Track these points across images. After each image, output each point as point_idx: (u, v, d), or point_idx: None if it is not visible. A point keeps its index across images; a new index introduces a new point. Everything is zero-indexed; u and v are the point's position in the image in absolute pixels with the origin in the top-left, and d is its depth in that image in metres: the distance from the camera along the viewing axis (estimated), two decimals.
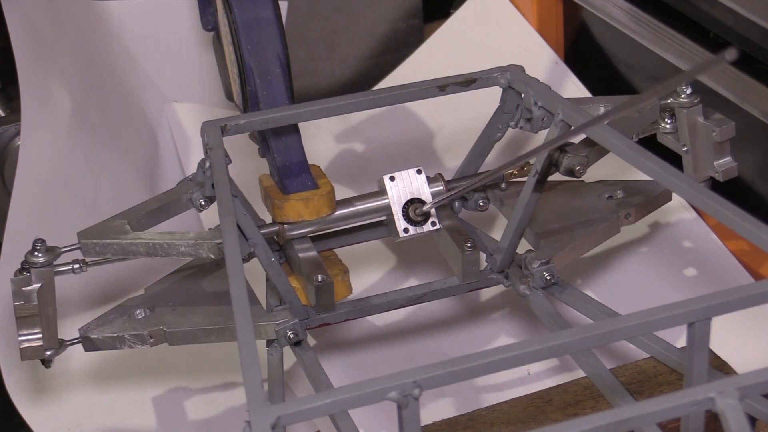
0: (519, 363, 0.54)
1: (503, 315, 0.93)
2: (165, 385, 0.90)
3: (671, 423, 0.69)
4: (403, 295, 0.82)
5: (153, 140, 1.09)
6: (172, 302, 0.79)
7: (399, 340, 0.91)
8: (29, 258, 0.76)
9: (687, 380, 0.57)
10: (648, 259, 0.93)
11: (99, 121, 1.02)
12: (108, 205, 0.91)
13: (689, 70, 0.85)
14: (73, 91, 0.98)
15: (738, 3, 0.87)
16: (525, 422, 0.75)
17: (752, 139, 0.90)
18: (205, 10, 0.87)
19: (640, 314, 0.55)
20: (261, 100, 0.81)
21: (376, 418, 0.78)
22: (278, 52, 0.81)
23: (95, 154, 0.99)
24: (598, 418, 0.50)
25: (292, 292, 0.78)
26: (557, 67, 1.05)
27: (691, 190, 0.66)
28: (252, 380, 0.54)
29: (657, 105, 0.84)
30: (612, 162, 0.86)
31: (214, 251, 0.77)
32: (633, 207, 0.84)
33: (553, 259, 0.80)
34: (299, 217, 0.80)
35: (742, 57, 0.69)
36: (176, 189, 0.81)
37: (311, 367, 0.76)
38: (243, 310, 0.60)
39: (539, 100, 0.78)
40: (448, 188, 0.82)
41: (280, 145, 0.82)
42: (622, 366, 0.78)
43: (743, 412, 0.50)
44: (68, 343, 0.78)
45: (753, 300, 0.56)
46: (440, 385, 0.53)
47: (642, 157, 0.69)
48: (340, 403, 0.52)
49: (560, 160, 0.80)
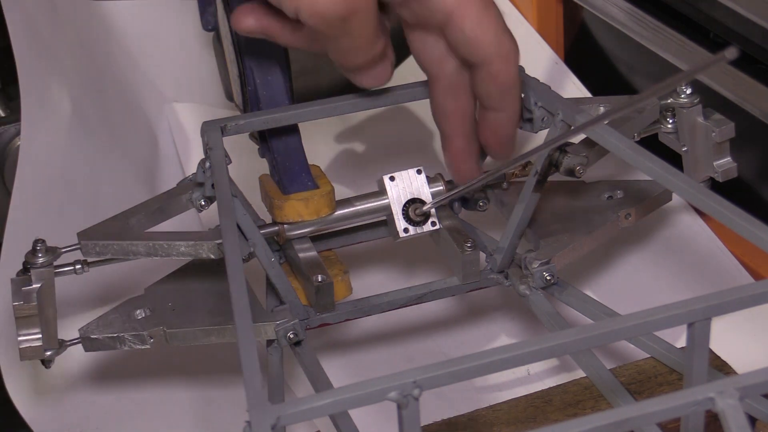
0: (519, 363, 0.54)
1: (503, 315, 0.93)
2: (165, 385, 0.90)
3: (671, 423, 0.69)
4: (403, 295, 0.82)
5: (153, 140, 1.09)
6: (172, 302, 0.79)
7: (399, 340, 0.91)
8: (29, 258, 0.76)
9: (687, 380, 0.57)
10: (648, 259, 0.93)
11: (99, 121, 1.02)
12: (108, 205, 0.91)
13: (689, 70, 0.85)
14: (73, 91, 0.98)
15: (738, 3, 0.87)
16: (525, 422, 0.75)
17: (752, 139, 0.90)
18: (205, 10, 0.86)
19: (640, 314, 0.55)
20: (261, 100, 0.81)
21: (376, 418, 0.78)
22: (278, 52, 0.81)
23: (95, 154, 0.99)
24: (598, 418, 0.50)
25: (292, 292, 0.78)
26: (557, 67, 1.05)
27: (691, 190, 0.66)
28: (252, 380, 0.54)
29: (657, 105, 0.85)
30: (612, 162, 0.86)
31: (214, 251, 0.77)
32: (633, 207, 0.84)
33: (553, 259, 0.80)
34: (299, 217, 0.80)
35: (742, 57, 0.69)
36: (176, 189, 0.81)
37: (311, 367, 0.76)
38: (243, 310, 0.60)
39: (539, 100, 0.78)
40: (448, 188, 0.82)
41: (280, 145, 0.82)
42: (622, 366, 0.78)
43: (743, 412, 0.50)
44: (68, 343, 0.78)
45: (753, 300, 0.56)
46: (440, 385, 0.53)
47: (642, 157, 0.69)
48: (340, 403, 0.52)
49: (560, 160, 0.80)
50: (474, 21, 0.71)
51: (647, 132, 0.86)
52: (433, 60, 0.75)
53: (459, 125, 0.77)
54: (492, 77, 0.73)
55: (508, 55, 0.73)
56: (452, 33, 0.72)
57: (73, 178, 0.96)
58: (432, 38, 0.74)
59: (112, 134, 1.03)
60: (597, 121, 0.72)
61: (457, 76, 0.75)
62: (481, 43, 0.72)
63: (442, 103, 0.76)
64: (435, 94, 0.76)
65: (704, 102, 0.85)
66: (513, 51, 0.73)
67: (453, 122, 0.77)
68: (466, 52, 0.72)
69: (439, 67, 0.75)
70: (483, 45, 0.72)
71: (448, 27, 0.72)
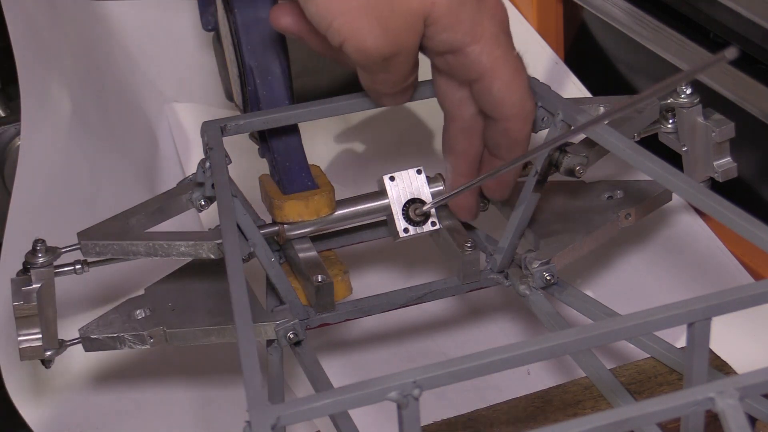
0: (519, 363, 0.54)
1: (503, 315, 0.93)
2: (165, 385, 0.90)
3: (671, 423, 0.69)
4: (403, 295, 0.82)
5: (153, 140, 1.09)
6: (172, 302, 0.79)
7: (399, 340, 0.91)
8: (29, 258, 0.76)
9: (687, 380, 0.57)
10: (648, 259, 0.93)
11: (99, 121, 1.02)
12: (108, 205, 0.91)
13: (689, 70, 0.85)
14: (73, 91, 0.98)
15: (738, 3, 0.87)
16: (525, 422, 0.75)
17: (752, 139, 0.90)
18: (205, 10, 0.87)
19: (640, 314, 0.55)
20: (261, 100, 0.81)
21: (376, 418, 0.78)
22: (278, 52, 0.81)
23: (95, 154, 0.99)
24: (598, 418, 0.50)
25: (292, 292, 0.78)
26: (557, 67, 1.05)
27: (691, 190, 0.66)
28: (252, 380, 0.54)
29: (657, 105, 0.85)
30: (612, 162, 0.86)
31: (214, 251, 0.77)
32: (633, 207, 0.84)
33: (553, 259, 0.80)
34: (299, 217, 0.80)
35: (742, 57, 0.69)
36: (176, 189, 0.81)
37: (311, 367, 0.76)
38: (243, 310, 0.60)
39: (539, 100, 0.78)
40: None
41: (280, 145, 0.82)
42: (622, 366, 0.78)
43: (743, 412, 0.50)
44: (68, 343, 0.78)
45: (753, 300, 0.56)
46: (440, 385, 0.53)
47: (642, 157, 0.69)
48: (340, 403, 0.52)
49: (560, 160, 0.80)
50: (504, 83, 0.73)
51: (647, 132, 0.86)
52: (454, 102, 0.77)
53: (466, 163, 0.79)
54: (507, 133, 0.76)
55: (527, 116, 0.75)
56: (479, 89, 0.74)
57: (73, 178, 0.96)
58: (457, 84, 0.76)
59: (112, 134, 1.03)
60: (597, 121, 0.72)
61: (472, 121, 0.77)
62: (506, 104, 0.74)
63: (454, 140, 0.79)
64: (449, 133, 0.79)
65: (704, 102, 0.85)
66: (532, 112, 0.76)
67: (461, 160, 0.79)
68: (489, 107, 0.75)
69: (459, 109, 0.77)
70: (507, 106, 0.74)
71: (477, 83, 0.74)
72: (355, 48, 0.70)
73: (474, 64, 0.73)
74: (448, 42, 0.72)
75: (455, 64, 0.73)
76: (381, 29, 0.69)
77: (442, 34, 0.71)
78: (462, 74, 0.74)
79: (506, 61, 0.73)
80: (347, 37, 0.69)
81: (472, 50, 0.72)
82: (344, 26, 0.69)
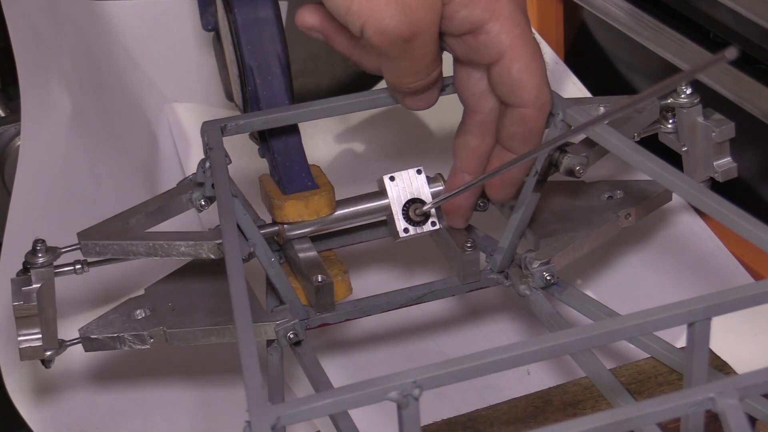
0: (519, 363, 0.54)
1: (503, 315, 0.93)
2: (165, 385, 0.90)
3: (671, 423, 0.69)
4: (403, 295, 0.82)
5: (153, 140, 1.09)
6: (172, 302, 0.79)
7: (399, 340, 0.91)
8: (29, 258, 0.76)
9: (687, 380, 0.57)
10: (648, 259, 0.93)
11: (99, 121, 1.02)
12: (108, 205, 0.91)
13: (689, 70, 0.85)
14: (73, 91, 0.98)
15: (738, 3, 0.87)
16: (525, 422, 0.75)
17: (752, 139, 0.90)
18: (205, 10, 0.87)
19: (640, 314, 0.55)
20: (261, 100, 0.81)
21: (376, 418, 0.78)
22: (278, 52, 0.81)
23: (95, 154, 0.99)
24: (598, 418, 0.50)
25: (292, 292, 0.78)
26: (557, 67, 1.05)
27: (691, 190, 0.66)
28: (252, 380, 0.54)
29: (657, 105, 0.84)
30: (612, 162, 0.86)
31: (214, 251, 0.77)
32: (633, 207, 0.84)
33: (553, 259, 0.80)
34: (299, 217, 0.80)
35: (742, 57, 0.69)
36: (176, 189, 0.81)
37: (311, 367, 0.76)
38: (243, 310, 0.60)
39: None
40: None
41: (280, 145, 0.82)
42: (622, 366, 0.78)
43: (743, 412, 0.50)
44: (68, 343, 0.78)
45: (753, 300, 0.56)
46: (440, 385, 0.53)
47: (642, 157, 0.69)
48: (340, 403, 0.52)
49: (560, 160, 0.80)
50: (522, 65, 0.73)
51: (647, 132, 0.86)
52: (474, 95, 0.77)
53: (473, 162, 0.79)
54: (523, 121, 0.75)
55: (543, 106, 0.75)
56: (499, 72, 0.74)
57: (73, 178, 0.96)
58: (478, 74, 0.76)
59: (112, 134, 1.03)
60: (597, 121, 0.72)
61: (490, 115, 0.77)
62: (524, 87, 0.74)
63: (470, 135, 0.79)
64: (466, 126, 0.79)
65: (704, 102, 0.85)
66: (548, 103, 0.76)
67: (470, 158, 0.79)
68: (507, 91, 0.75)
69: (478, 102, 0.77)
70: (525, 90, 0.74)
71: (496, 65, 0.74)
72: (375, 29, 0.69)
73: (494, 43, 0.73)
74: (468, 20, 0.72)
75: (475, 46, 0.73)
76: (399, 7, 0.69)
77: (461, 11, 0.71)
78: (482, 56, 0.74)
79: (525, 42, 0.73)
80: (366, 18, 0.69)
81: (491, 27, 0.72)
82: (363, 7, 0.69)
